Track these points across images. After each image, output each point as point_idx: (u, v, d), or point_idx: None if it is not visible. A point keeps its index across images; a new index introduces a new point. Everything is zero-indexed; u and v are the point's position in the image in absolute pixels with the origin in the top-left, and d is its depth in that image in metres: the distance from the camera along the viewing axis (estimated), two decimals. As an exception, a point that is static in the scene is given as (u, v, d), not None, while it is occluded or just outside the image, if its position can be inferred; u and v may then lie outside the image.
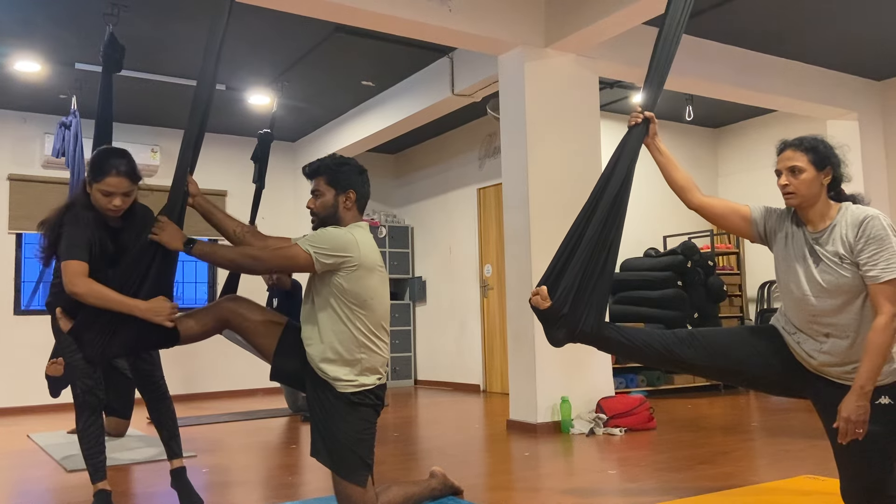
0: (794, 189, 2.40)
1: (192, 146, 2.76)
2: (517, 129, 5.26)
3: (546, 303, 2.61)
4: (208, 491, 3.54)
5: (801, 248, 2.44)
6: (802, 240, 2.44)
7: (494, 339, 7.83)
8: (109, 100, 3.92)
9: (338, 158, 2.79)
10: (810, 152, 2.41)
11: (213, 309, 2.76)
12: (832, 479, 3.17)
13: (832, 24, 5.71)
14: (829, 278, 2.34)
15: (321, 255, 2.56)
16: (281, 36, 5.61)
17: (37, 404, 6.96)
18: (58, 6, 4.99)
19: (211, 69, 2.79)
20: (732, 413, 5.80)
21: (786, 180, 2.42)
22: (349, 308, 2.61)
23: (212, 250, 2.66)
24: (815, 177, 2.39)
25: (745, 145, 8.36)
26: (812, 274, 2.39)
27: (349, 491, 2.59)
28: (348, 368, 2.61)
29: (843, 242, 2.33)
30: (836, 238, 2.35)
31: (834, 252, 2.34)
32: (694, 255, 7.19)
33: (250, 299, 2.79)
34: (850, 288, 2.32)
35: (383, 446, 4.51)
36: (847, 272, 2.32)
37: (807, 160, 2.40)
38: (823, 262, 2.36)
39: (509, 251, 5.30)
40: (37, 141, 7.37)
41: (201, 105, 2.77)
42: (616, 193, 2.68)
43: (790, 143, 2.47)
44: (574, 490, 3.33)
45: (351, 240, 2.62)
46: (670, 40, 2.86)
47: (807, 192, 2.39)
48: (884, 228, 2.27)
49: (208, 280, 8.24)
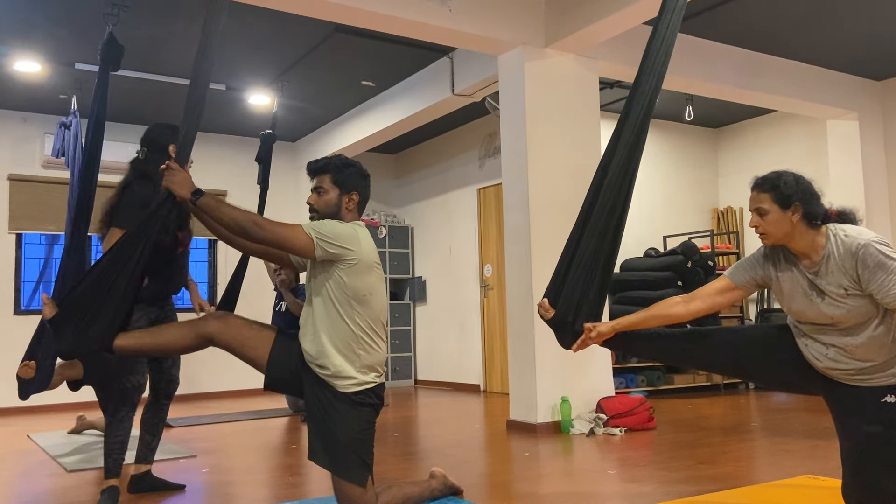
0: (764, 230, 2.36)
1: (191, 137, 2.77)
2: (517, 129, 5.26)
3: (549, 313, 2.65)
4: (208, 491, 3.54)
5: (801, 285, 2.38)
6: (800, 276, 2.38)
7: (494, 339, 7.83)
8: (104, 98, 3.92)
9: (344, 159, 2.81)
10: (772, 191, 2.34)
11: (197, 324, 2.69)
12: (832, 479, 3.17)
13: (832, 24, 5.71)
14: (838, 312, 2.30)
15: (323, 242, 2.57)
16: (281, 36, 5.61)
17: (37, 404, 6.96)
18: (58, 6, 4.99)
19: (207, 57, 2.80)
20: (732, 413, 5.80)
21: (755, 222, 2.38)
22: (348, 304, 2.62)
23: (217, 204, 2.59)
24: (781, 216, 2.32)
25: (745, 145, 8.36)
26: (819, 309, 2.34)
27: (349, 491, 2.59)
28: (347, 365, 2.61)
29: (843, 273, 2.27)
30: (833, 270, 2.29)
31: (837, 284, 2.28)
32: (694, 255, 7.19)
33: (238, 315, 2.78)
34: (860, 315, 2.29)
35: (383, 446, 4.51)
36: (854, 301, 2.27)
37: (770, 200, 2.34)
38: (828, 296, 2.31)
39: (509, 251, 5.30)
40: (37, 141, 7.37)
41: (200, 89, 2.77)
42: (612, 203, 2.67)
43: (754, 183, 2.41)
44: (574, 490, 3.33)
45: (353, 234, 2.65)
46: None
47: (777, 231, 2.34)
48: (880, 254, 2.21)
49: (208, 280, 8.24)
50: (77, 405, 6.71)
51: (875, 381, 2.32)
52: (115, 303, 2.60)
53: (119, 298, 2.60)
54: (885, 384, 2.29)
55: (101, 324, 2.59)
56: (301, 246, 2.57)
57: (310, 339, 2.66)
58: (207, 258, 8.31)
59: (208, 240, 8.21)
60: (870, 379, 2.33)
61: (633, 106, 2.77)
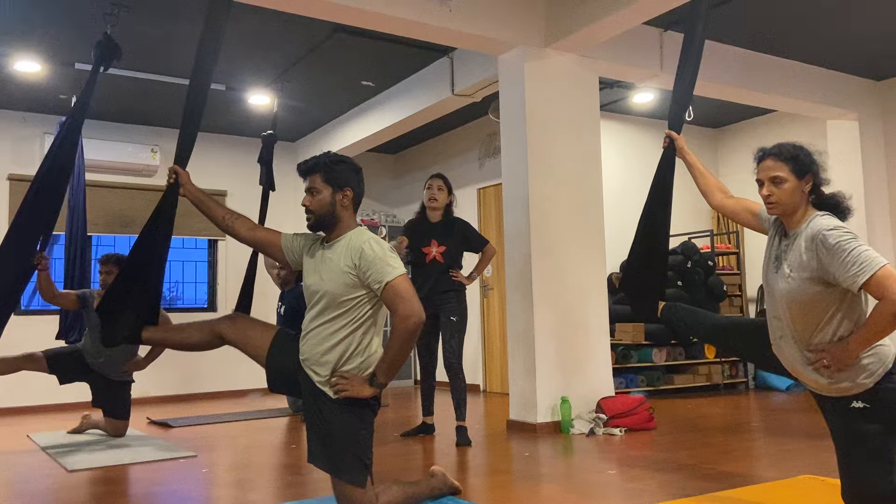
0: (777, 199, 2.39)
1: (190, 138, 2.98)
2: (517, 129, 5.26)
3: None
4: (208, 491, 3.54)
5: (774, 253, 2.47)
6: (777, 244, 2.47)
7: (494, 339, 7.83)
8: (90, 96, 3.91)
9: (334, 156, 2.78)
10: (791, 161, 2.38)
11: (213, 323, 2.89)
12: (832, 479, 3.17)
13: (832, 24, 5.71)
14: (786, 286, 2.36)
15: None
16: (281, 36, 5.61)
17: (37, 404, 6.97)
18: (58, 6, 4.99)
19: (210, 57, 3.00)
20: (732, 413, 5.80)
21: (768, 191, 2.40)
22: (366, 317, 2.63)
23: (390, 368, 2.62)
24: (796, 186, 2.38)
25: (745, 145, 8.35)
26: (776, 279, 2.42)
27: (349, 492, 2.59)
28: (348, 369, 2.61)
29: (800, 254, 2.34)
30: (797, 248, 2.36)
31: (789, 263, 2.37)
32: (694, 255, 7.19)
33: (248, 316, 2.94)
34: (801, 298, 2.33)
35: (383, 446, 4.51)
36: (796, 282, 2.33)
37: (788, 170, 2.38)
38: (783, 268, 2.39)
39: (509, 251, 5.30)
40: (37, 141, 7.36)
41: (199, 91, 2.98)
42: (662, 201, 3.31)
43: (769, 151, 2.44)
44: (574, 490, 3.33)
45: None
46: (693, 59, 3.08)
47: (789, 200, 2.39)
48: (836, 238, 2.23)
49: (208, 280, 8.24)
50: (77, 405, 6.71)
51: (836, 391, 2.36)
52: (144, 297, 2.89)
53: (147, 293, 2.90)
54: (851, 394, 2.33)
55: (130, 315, 2.87)
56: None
57: (309, 342, 2.67)
58: (207, 258, 8.31)
59: (208, 240, 8.21)
60: (821, 388, 2.39)
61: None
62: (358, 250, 2.59)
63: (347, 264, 2.60)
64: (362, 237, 2.65)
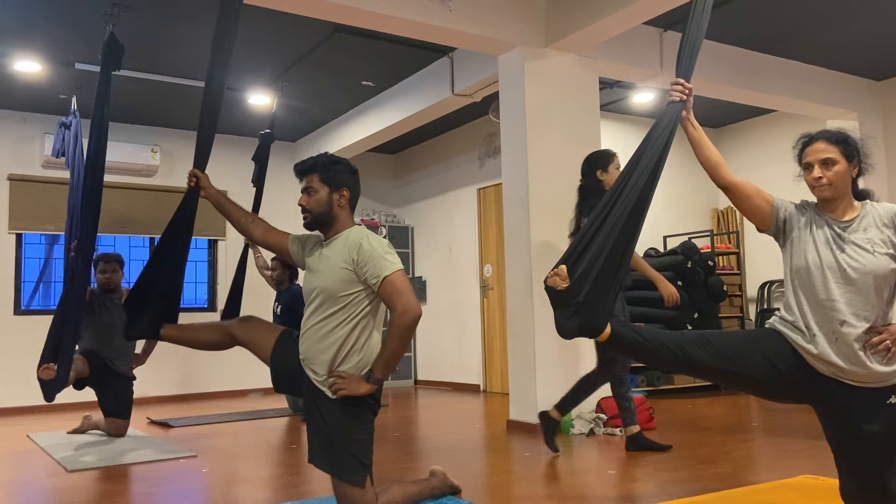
0: (829, 180, 2.40)
1: (207, 143, 3.16)
2: (517, 129, 5.26)
3: (565, 283, 2.41)
4: (209, 491, 3.54)
5: (826, 235, 2.41)
6: (827, 227, 2.42)
7: (494, 339, 7.83)
8: (106, 98, 3.93)
9: (330, 157, 2.80)
10: (841, 144, 2.43)
11: (225, 325, 3.00)
12: (832, 479, 3.17)
13: (832, 24, 5.71)
14: (856, 264, 2.32)
15: None
16: (281, 36, 5.61)
17: (37, 404, 6.95)
18: (58, 6, 4.99)
19: (223, 62, 3.19)
20: (732, 413, 5.80)
21: (819, 172, 2.41)
22: (363, 314, 2.63)
23: (390, 358, 2.61)
24: (846, 169, 2.42)
25: (745, 145, 8.36)
26: (836, 260, 2.35)
27: (349, 492, 2.59)
28: (345, 368, 2.61)
29: (878, 230, 2.35)
30: (868, 226, 2.37)
31: (867, 240, 2.34)
32: (694, 255, 7.19)
33: (259, 318, 3.00)
34: (877, 275, 2.31)
35: (383, 446, 4.51)
36: (879, 258, 2.31)
37: (839, 152, 2.42)
38: (850, 248, 2.35)
39: (509, 251, 5.30)
40: (37, 141, 7.37)
41: (213, 97, 3.11)
42: (645, 180, 2.49)
43: (820, 135, 2.47)
44: (574, 490, 3.33)
45: None
46: (701, 9, 2.71)
47: (840, 183, 2.41)
48: None
49: (208, 280, 8.24)
50: (77, 405, 6.71)
51: (876, 381, 2.31)
52: (164, 294, 2.99)
53: (166, 290, 3.00)
54: (890, 384, 2.28)
55: (151, 312, 2.98)
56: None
57: (308, 341, 2.67)
58: (207, 258, 8.30)
59: (208, 240, 8.20)
60: (870, 376, 2.31)
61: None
62: (356, 246, 2.61)
63: (345, 259, 2.61)
64: (361, 233, 2.67)
